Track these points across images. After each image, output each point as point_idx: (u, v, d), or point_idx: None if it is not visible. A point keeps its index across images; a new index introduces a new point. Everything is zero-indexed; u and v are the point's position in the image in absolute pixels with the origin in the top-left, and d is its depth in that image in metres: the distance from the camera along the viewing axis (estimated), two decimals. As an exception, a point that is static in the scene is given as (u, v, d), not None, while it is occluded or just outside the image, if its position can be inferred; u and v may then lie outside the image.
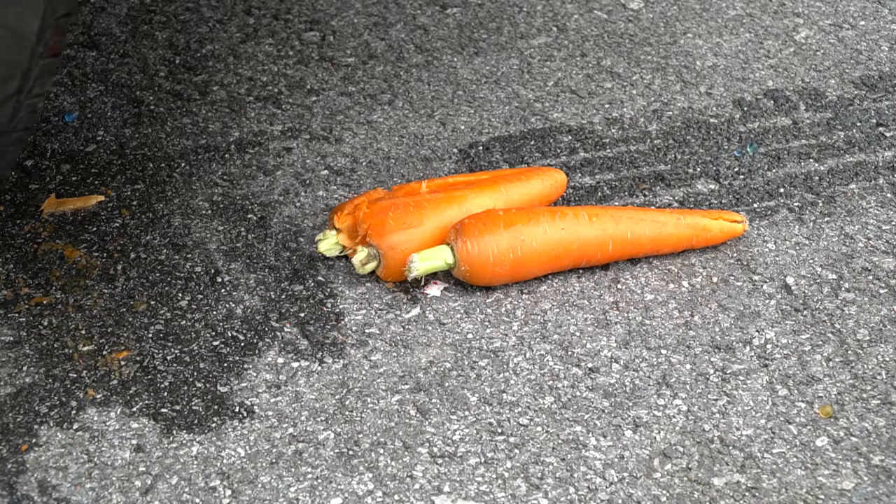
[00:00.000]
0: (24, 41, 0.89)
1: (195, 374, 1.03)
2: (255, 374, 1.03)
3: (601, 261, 1.14)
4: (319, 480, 0.93)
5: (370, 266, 1.10)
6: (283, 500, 0.91)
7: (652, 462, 0.94)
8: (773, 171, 1.29)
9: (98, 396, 1.00)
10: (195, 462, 0.94)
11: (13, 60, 0.89)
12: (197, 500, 0.91)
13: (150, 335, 1.07)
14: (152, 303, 1.11)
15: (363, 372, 1.03)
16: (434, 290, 1.12)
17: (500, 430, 0.97)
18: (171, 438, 0.96)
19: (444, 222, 1.11)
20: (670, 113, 1.39)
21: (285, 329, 1.08)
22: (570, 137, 1.35)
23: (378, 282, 1.13)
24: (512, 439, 0.96)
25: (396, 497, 0.91)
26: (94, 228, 1.21)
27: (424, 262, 1.08)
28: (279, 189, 1.27)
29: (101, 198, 1.25)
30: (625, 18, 1.59)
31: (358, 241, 1.11)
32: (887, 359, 1.04)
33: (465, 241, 1.08)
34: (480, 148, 1.33)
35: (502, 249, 1.08)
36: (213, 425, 0.98)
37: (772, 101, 1.41)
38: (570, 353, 1.05)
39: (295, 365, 1.04)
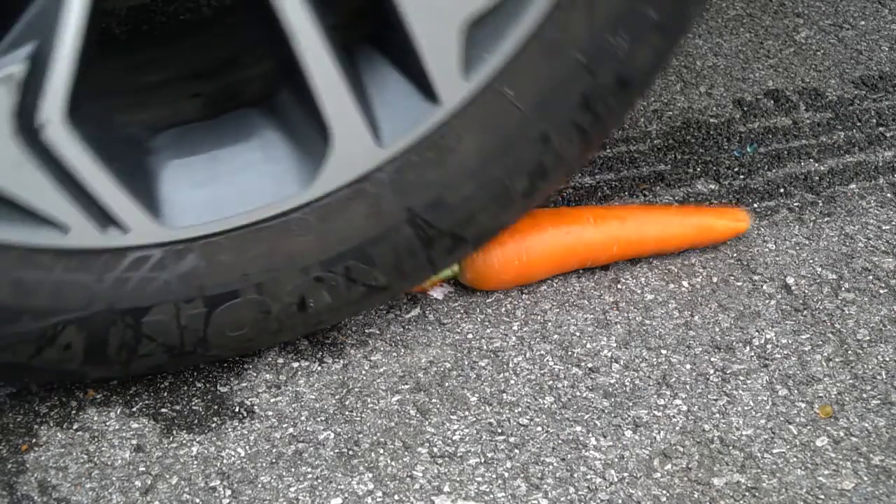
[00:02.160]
0: None
1: (195, 374, 1.03)
2: (255, 374, 1.03)
3: (606, 261, 1.14)
4: (319, 480, 0.93)
5: None
6: (283, 500, 0.91)
7: (652, 462, 0.94)
8: (773, 171, 1.29)
9: (98, 396, 1.00)
10: (195, 462, 0.94)
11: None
12: (197, 500, 0.91)
13: (150, 335, 1.07)
14: (152, 303, 1.11)
15: (363, 372, 1.03)
16: (437, 292, 1.12)
17: (500, 430, 0.97)
18: (171, 438, 0.96)
19: None
20: (670, 113, 1.39)
21: (285, 329, 1.08)
22: (570, 137, 1.35)
23: (378, 282, 1.13)
24: (512, 439, 0.96)
25: (396, 497, 0.91)
26: (94, 228, 1.21)
27: None
28: (279, 189, 1.27)
29: (101, 198, 1.25)
30: (625, 18, 1.59)
31: None
32: (887, 359, 1.04)
33: None
34: (480, 148, 1.33)
35: (508, 256, 1.08)
36: (213, 425, 0.98)
37: (772, 101, 1.41)
38: (570, 353, 1.05)
39: (295, 365, 1.04)
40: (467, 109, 0.88)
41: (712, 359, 1.05)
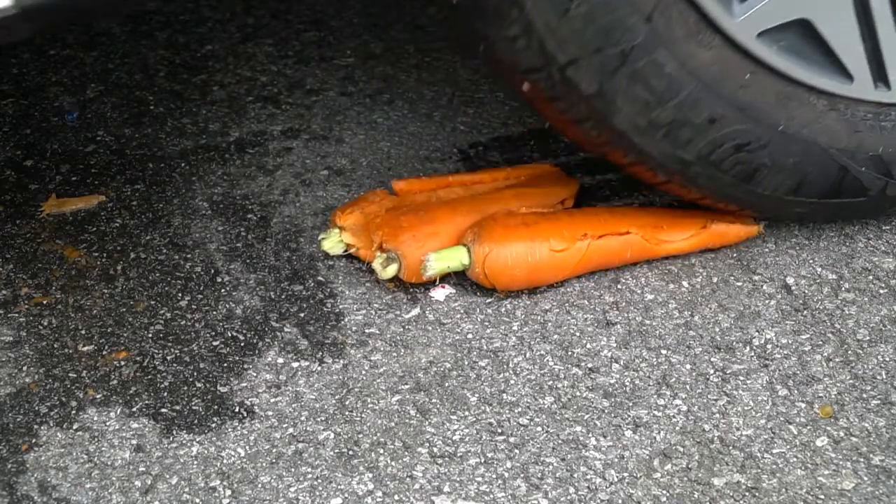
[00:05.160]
0: None
1: (195, 374, 1.03)
2: (255, 374, 1.03)
3: (619, 265, 1.13)
4: (319, 480, 0.93)
5: (392, 268, 1.09)
6: (283, 500, 0.91)
7: (652, 462, 0.94)
8: (773, 171, 1.29)
9: (98, 396, 1.00)
10: (195, 462, 0.94)
11: None
12: (197, 500, 0.91)
13: (150, 335, 1.07)
14: (152, 303, 1.11)
15: (363, 372, 1.03)
16: (439, 293, 1.12)
17: (500, 430, 0.97)
18: (171, 438, 0.96)
19: (460, 225, 1.11)
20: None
21: (285, 329, 1.08)
22: (570, 137, 1.35)
23: (378, 282, 1.13)
24: (512, 439, 0.96)
25: (396, 497, 0.91)
26: (94, 228, 1.21)
27: (441, 261, 1.07)
28: (279, 189, 1.27)
29: (102, 198, 1.25)
30: (625, 18, 1.59)
31: (375, 249, 1.11)
32: (887, 359, 1.04)
33: (482, 242, 1.07)
34: (480, 148, 1.33)
35: (520, 253, 1.07)
36: (213, 425, 0.98)
37: (772, 101, 1.41)
38: (570, 353, 1.05)
39: (295, 365, 1.04)
40: None
41: (712, 359, 1.05)
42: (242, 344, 1.06)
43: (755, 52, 1.00)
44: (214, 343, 1.06)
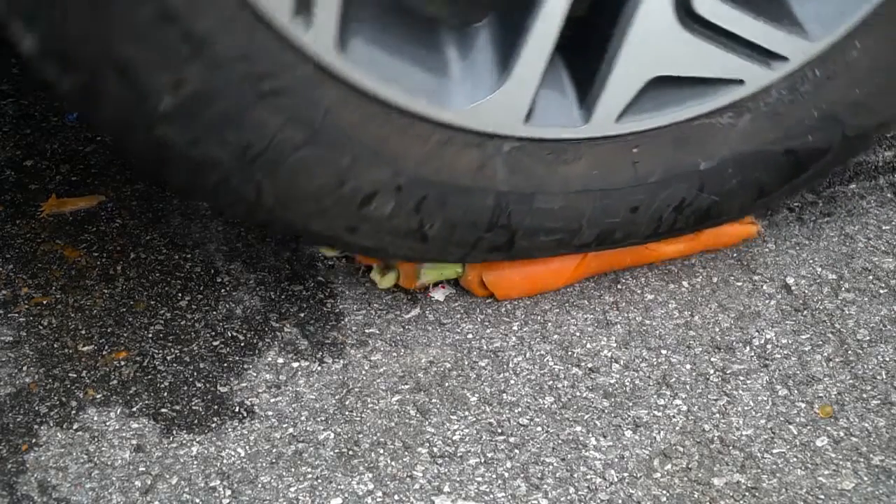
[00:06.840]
0: None
1: (195, 374, 1.03)
2: (255, 374, 1.03)
3: (618, 268, 1.13)
4: (319, 480, 0.93)
5: (390, 277, 1.09)
6: (283, 500, 0.91)
7: (652, 462, 0.94)
8: (773, 171, 1.29)
9: (98, 396, 1.00)
10: (195, 462, 0.94)
11: None
12: (197, 500, 0.91)
13: (150, 335, 1.07)
14: (152, 303, 1.11)
15: (363, 372, 1.03)
16: (438, 293, 1.12)
17: (500, 430, 0.97)
18: (171, 438, 0.96)
19: None
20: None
21: (285, 329, 1.08)
22: (570, 137, 1.34)
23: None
24: (512, 439, 0.96)
25: (396, 497, 0.91)
26: (94, 228, 1.21)
27: (435, 269, 1.08)
28: (279, 189, 1.27)
29: (102, 198, 1.25)
30: (625, 18, 1.59)
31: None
32: (887, 359, 1.04)
33: None
34: (480, 148, 1.33)
35: (515, 263, 1.07)
36: (213, 425, 0.98)
37: (772, 101, 1.41)
38: (570, 353, 1.05)
39: (295, 365, 1.04)
40: None
41: (712, 359, 1.05)
42: (242, 344, 1.06)
43: (627, 131, 0.95)
44: (214, 343, 1.06)
